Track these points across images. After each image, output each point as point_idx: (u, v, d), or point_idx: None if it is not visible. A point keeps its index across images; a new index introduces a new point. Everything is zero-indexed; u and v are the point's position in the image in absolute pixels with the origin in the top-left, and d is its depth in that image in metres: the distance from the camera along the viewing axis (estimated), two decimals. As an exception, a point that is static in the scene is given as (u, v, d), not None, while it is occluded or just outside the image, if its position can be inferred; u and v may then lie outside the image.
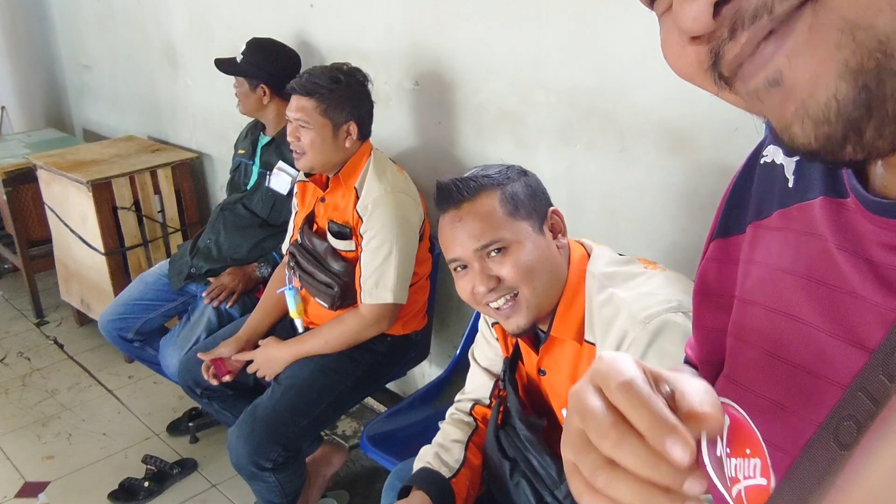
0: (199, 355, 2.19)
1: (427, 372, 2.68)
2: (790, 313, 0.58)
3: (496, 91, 2.18)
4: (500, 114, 2.19)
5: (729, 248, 0.68)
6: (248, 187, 2.68)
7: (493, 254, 1.30)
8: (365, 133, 2.14)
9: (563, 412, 1.37)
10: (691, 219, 1.83)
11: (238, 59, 2.54)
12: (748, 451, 0.56)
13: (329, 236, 2.15)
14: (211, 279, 2.61)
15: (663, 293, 1.24)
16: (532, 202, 1.33)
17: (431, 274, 2.30)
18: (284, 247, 2.40)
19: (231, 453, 2.05)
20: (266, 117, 2.63)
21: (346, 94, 2.07)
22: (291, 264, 2.21)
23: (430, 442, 2.03)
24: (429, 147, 2.43)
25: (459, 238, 1.32)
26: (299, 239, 2.22)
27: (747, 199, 0.66)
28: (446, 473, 1.43)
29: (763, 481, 0.55)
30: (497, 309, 1.33)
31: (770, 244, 0.62)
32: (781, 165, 0.61)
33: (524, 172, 1.37)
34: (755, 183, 0.65)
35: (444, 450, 1.47)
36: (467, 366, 2.23)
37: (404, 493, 1.45)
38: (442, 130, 2.38)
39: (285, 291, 2.26)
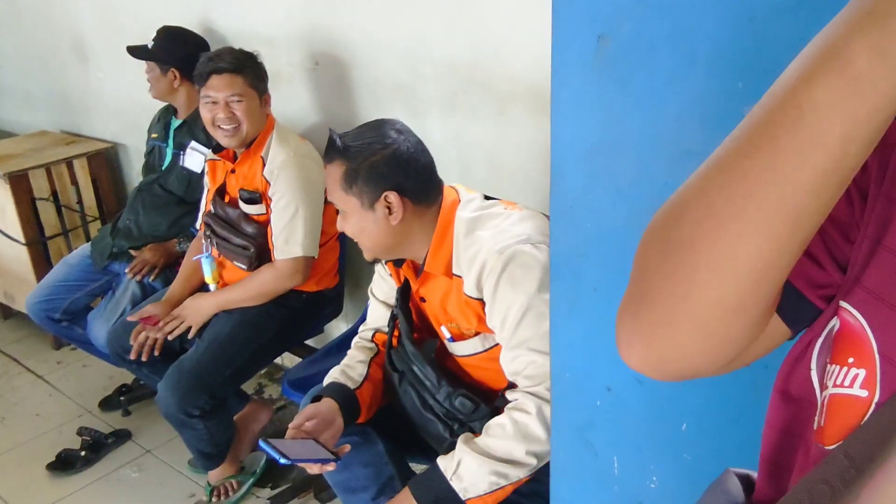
0: (128, 318, 2.35)
1: (339, 327, 2.90)
2: None
3: (388, 67, 2.41)
4: (393, 87, 2.43)
5: None
6: (164, 168, 2.83)
7: (339, 212, 1.59)
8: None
9: (443, 329, 1.62)
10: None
11: (149, 46, 2.69)
12: (851, 360, 0.53)
13: (241, 203, 2.35)
14: (133, 253, 2.76)
15: (516, 229, 1.50)
16: (367, 184, 1.53)
17: (341, 235, 2.52)
18: (199, 221, 2.58)
19: (161, 405, 2.24)
20: (177, 100, 2.78)
21: (260, 68, 2.28)
22: (208, 233, 2.39)
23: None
24: (331, 122, 2.64)
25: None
26: (213, 209, 2.41)
27: None
28: (351, 386, 1.66)
29: (863, 393, 0.51)
30: None
31: None
32: None
33: (398, 132, 1.57)
34: None
35: (349, 368, 1.71)
36: (377, 316, 2.48)
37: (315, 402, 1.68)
38: (342, 106, 2.59)
39: (201, 259, 2.44)
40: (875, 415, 0.47)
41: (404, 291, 1.70)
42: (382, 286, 1.80)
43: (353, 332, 2.43)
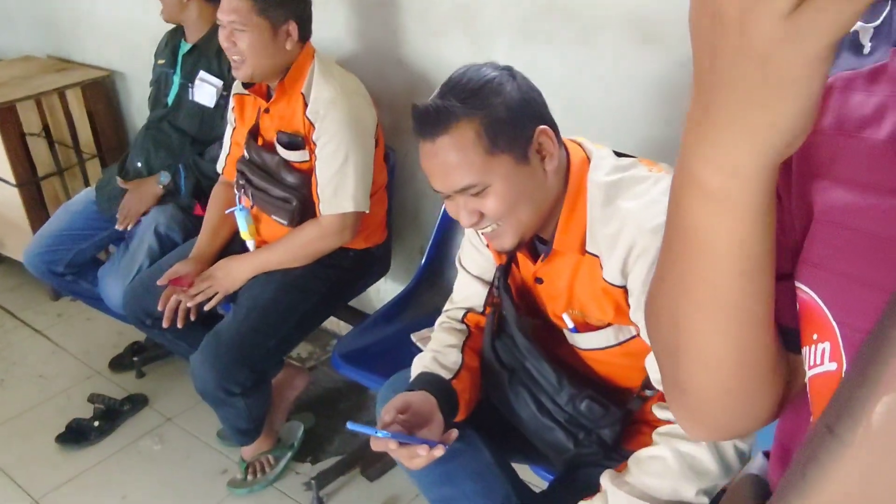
0: (159, 282, 2.04)
1: (383, 288, 2.62)
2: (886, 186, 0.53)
3: (448, -16, 2.05)
4: (452, 8, 2.08)
5: None
6: (170, 100, 2.48)
7: (472, 194, 1.22)
8: (305, 34, 1.99)
9: (565, 316, 1.34)
10: (663, 111, 1.80)
11: None
12: (815, 336, 0.54)
13: (279, 148, 2.02)
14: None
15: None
16: (515, 127, 1.20)
17: (388, 185, 2.21)
18: (220, 165, 2.25)
19: (196, 380, 1.95)
20: (187, 20, 2.40)
21: None
22: (241, 182, 2.07)
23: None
24: (374, 50, 2.30)
25: (437, 174, 1.24)
26: (247, 155, 2.08)
27: None
28: (446, 375, 1.38)
29: (832, 366, 0.53)
30: (483, 232, 1.29)
31: (830, 107, 0.57)
32: (855, 32, 0.57)
33: (511, 77, 1.24)
34: None
35: (440, 354, 1.42)
36: (432, 278, 2.19)
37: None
38: (388, 31, 2.24)
39: (235, 212, 2.13)
40: (843, 381, 0.46)
41: (506, 269, 1.41)
42: (477, 258, 1.49)
43: (406, 294, 2.15)
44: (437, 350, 1.43)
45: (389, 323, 2.10)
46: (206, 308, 2.04)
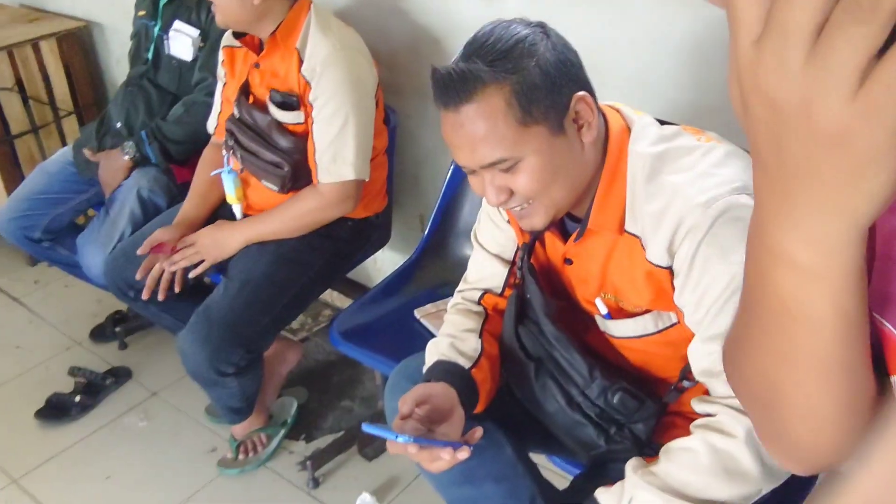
0: (139, 252, 1.90)
1: (380, 258, 2.48)
2: None
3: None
4: (461, -43, 1.91)
5: None
6: (150, 55, 2.30)
7: (502, 169, 1.08)
8: None
9: (598, 301, 1.21)
10: (694, 74, 1.66)
11: None
12: None
13: (271, 107, 1.86)
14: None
15: (724, 172, 1.06)
16: (550, 94, 1.06)
17: (388, 149, 2.06)
18: (210, 125, 2.09)
19: (186, 360, 1.82)
20: None
21: None
22: (230, 143, 1.91)
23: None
24: (375, 3, 2.13)
25: (462, 147, 1.09)
26: (237, 113, 1.92)
27: None
28: (465, 364, 1.26)
29: None
30: (511, 209, 1.15)
31: None
32: None
33: (545, 35, 1.09)
34: None
35: (457, 340, 1.29)
36: (436, 249, 2.06)
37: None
38: (389, -19, 2.07)
39: (222, 175, 1.97)
40: None
41: (530, 247, 1.28)
42: (496, 235, 1.35)
43: (409, 267, 2.02)
44: (454, 335, 1.31)
45: (391, 297, 1.97)
46: (192, 275, 1.91)
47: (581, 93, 1.09)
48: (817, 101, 0.35)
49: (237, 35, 1.89)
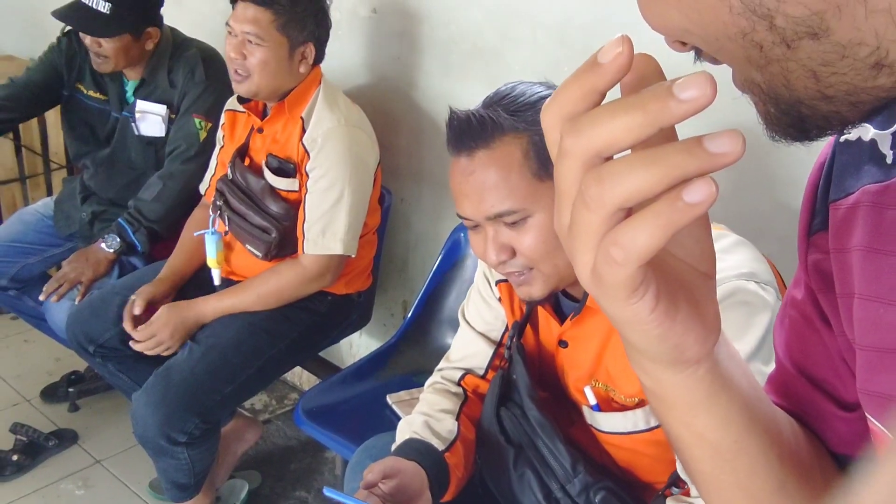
0: (135, 311, 1.81)
1: (356, 342, 2.40)
2: None
3: (471, 23, 1.91)
4: (473, 50, 1.93)
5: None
6: (114, 138, 2.21)
7: (509, 223, 1.04)
8: (319, 57, 1.83)
9: (587, 390, 1.13)
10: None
11: (101, 7, 1.96)
12: None
13: (267, 172, 1.83)
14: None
15: (732, 258, 1.02)
16: None
17: (379, 228, 2.02)
18: (203, 186, 2.05)
19: (136, 423, 1.70)
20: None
21: (309, 9, 1.74)
22: (219, 203, 1.86)
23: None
24: (383, 86, 2.14)
25: (470, 196, 1.05)
26: (230, 174, 1.88)
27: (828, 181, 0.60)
28: (439, 445, 1.16)
29: None
30: (509, 273, 1.09)
31: (860, 224, 0.54)
32: (873, 141, 0.53)
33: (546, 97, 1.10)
34: (835, 163, 0.57)
35: (433, 420, 1.20)
36: (416, 335, 1.98)
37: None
38: (401, 67, 2.09)
39: (205, 235, 1.91)
40: None
41: (522, 327, 1.21)
42: (485, 313, 1.28)
43: (387, 349, 1.94)
44: (430, 414, 1.21)
45: (363, 380, 1.87)
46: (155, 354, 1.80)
47: None
48: (575, 264, 0.39)
49: (241, 99, 1.87)
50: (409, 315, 1.96)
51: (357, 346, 2.37)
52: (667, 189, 0.34)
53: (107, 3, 1.95)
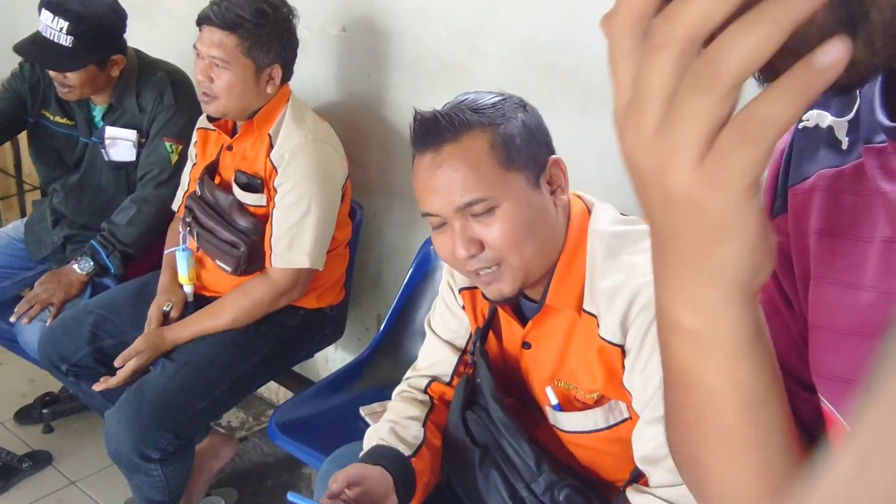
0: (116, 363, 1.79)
1: (331, 356, 2.41)
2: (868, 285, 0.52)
3: (437, 39, 1.95)
4: (440, 66, 1.97)
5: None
6: (83, 164, 2.20)
7: (477, 213, 1.07)
8: (287, 76, 1.86)
9: (548, 390, 1.16)
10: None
11: (63, 41, 1.93)
12: None
13: (235, 188, 1.85)
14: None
15: None
16: (530, 147, 1.09)
17: (351, 242, 2.04)
18: (176, 204, 2.06)
19: (109, 440, 1.70)
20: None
21: (275, 32, 1.77)
22: (188, 220, 1.88)
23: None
24: (353, 102, 2.17)
25: (437, 190, 1.07)
26: (198, 191, 1.90)
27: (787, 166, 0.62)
28: (405, 451, 1.18)
29: None
30: (477, 274, 1.11)
31: (816, 208, 0.56)
32: (830, 128, 0.56)
33: (523, 106, 1.13)
34: (794, 149, 0.60)
35: (399, 426, 1.22)
36: (389, 348, 2.00)
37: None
38: (370, 84, 2.12)
39: (176, 252, 1.92)
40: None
41: (485, 332, 1.23)
42: (449, 321, 1.31)
43: (360, 362, 1.95)
44: (396, 421, 1.24)
45: (336, 393, 1.88)
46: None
47: (556, 157, 1.13)
48: (667, 167, 0.36)
49: (210, 118, 1.89)
50: (382, 327, 1.98)
51: (332, 360, 2.38)
52: (778, 45, 0.32)
53: (68, 37, 1.92)
